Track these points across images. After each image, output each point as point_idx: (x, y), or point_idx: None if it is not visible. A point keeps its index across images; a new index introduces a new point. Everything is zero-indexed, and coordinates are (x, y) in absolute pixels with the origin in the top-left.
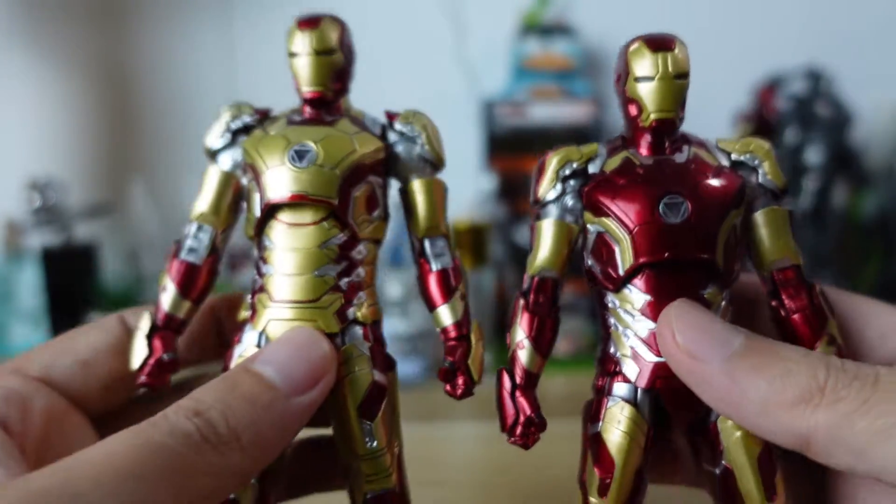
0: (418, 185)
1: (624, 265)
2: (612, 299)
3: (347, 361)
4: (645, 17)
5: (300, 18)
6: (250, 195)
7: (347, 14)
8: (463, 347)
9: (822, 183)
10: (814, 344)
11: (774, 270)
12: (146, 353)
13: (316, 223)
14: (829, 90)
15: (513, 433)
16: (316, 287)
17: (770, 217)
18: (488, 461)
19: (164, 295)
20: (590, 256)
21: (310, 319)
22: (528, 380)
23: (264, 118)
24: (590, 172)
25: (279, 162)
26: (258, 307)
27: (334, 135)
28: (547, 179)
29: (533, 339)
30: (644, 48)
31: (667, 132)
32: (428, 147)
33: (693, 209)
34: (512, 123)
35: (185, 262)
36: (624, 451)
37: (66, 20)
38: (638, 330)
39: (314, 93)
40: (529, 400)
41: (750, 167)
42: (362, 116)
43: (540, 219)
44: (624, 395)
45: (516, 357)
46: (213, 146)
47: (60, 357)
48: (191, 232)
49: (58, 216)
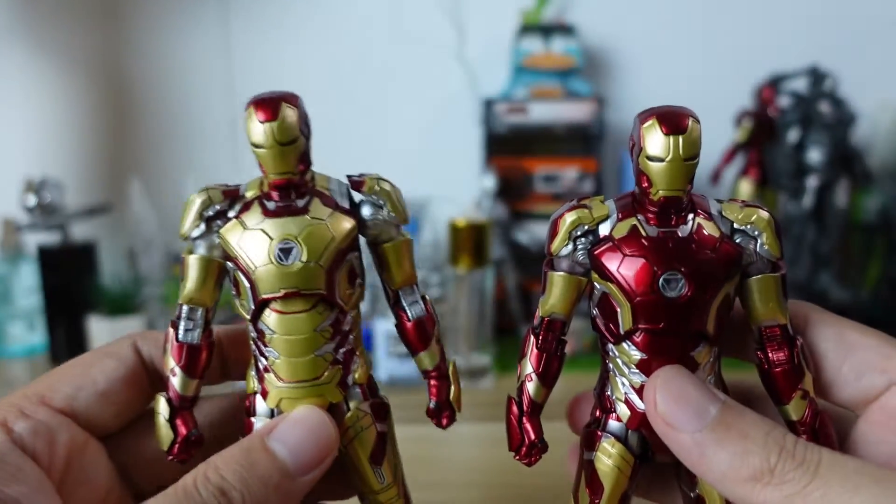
0: (389, 248)
1: (624, 326)
2: (612, 349)
3: (355, 424)
4: (645, 16)
5: (257, 104)
6: (237, 281)
7: (348, 14)
8: (444, 386)
9: (823, 182)
10: (790, 396)
11: (762, 327)
12: (172, 436)
13: (307, 311)
14: (832, 90)
15: (518, 453)
16: (317, 366)
17: (763, 284)
18: (487, 462)
19: (175, 379)
20: (595, 308)
21: (317, 395)
22: (533, 408)
23: (234, 199)
24: (600, 234)
25: (266, 261)
26: (268, 387)
27: (313, 227)
28: (559, 238)
29: (540, 374)
30: (657, 128)
31: (673, 207)
32: (394, 213)
33: (690, 287)
34: (512, 122)
35: (185, 344)
36: (611, 480)
37: (64, 20)
38: (632, 380)
39: (282, 180)
40: (534, 426)
41: (750, 236)
42: (327, 187)
43: (553, 269)
44: (615, 431)
45: (524, 388)
46: (190, 235)
47: (82, 389)
48: (183, 314)
49: (55, 216)
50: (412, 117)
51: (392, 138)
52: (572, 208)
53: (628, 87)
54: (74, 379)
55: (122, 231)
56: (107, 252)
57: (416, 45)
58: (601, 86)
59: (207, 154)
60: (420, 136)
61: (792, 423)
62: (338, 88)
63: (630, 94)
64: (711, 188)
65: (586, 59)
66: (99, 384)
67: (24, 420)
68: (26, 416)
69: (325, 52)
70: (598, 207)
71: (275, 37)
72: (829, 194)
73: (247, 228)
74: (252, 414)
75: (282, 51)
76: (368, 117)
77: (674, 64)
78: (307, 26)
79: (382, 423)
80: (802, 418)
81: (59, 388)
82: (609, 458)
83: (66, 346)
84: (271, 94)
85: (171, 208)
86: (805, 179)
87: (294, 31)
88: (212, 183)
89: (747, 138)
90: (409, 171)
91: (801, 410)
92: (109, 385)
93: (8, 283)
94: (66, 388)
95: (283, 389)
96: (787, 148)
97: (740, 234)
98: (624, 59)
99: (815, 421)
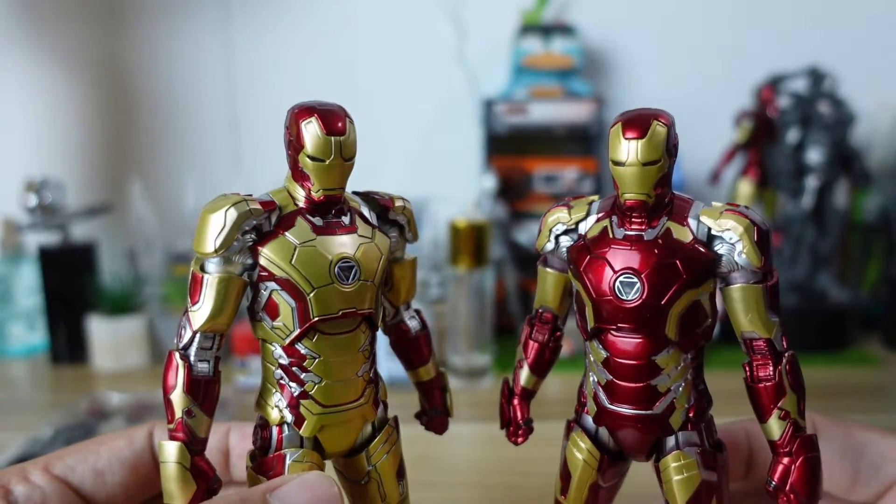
0: (404, 266)
1: (589, 324)
2: (587, 345)
3: (388, 439)
4: (645, 16)
5: (325, 116)
6: (274, 303)
7: (348, 15)
8: (440, 396)
9: (823, 182)
10: (769, 413)
11: (745, 339)
12: (193, 487)
13: (352, 331)
14: (832, 90)
15: (507, 431)
16: (360, 386)
17: (741, 294)
18: (487, 462)
19: (193, 421)
20: (574, 304)
21: (358, 416)
22: (523, 392)
23: (271, 213)
24: (579, 231)
25: (326, 280)
26: (305, 414)
27: (366, 245)
28: (541, 235)
29: (531, 362)
30: (619, 132)
31: (637, 211)
32: (411, 233)
33: (646, 289)
34: (512, 122)
35: (202, 379)
36: (577, 469)
37: (65, 21)
38: (599, 377)
39: (332, 195)
40: (522, 408)
41: (728, 243)
42: (357, 204)
43: (545, 265)
44: (586, 426)
45: (517, 373)
46: (222, 250)
47: (82, 461)
48: (196, 343)
49: (56, 216)
50: (412, 117)
51: (392, 138)
52: (556, 207)
53: (628, 87)
54: (81, 451)
55: (122, 231)
56: (107, 252)
57: (416, 46)
58: (601, 86)
59: (207, 154)
60: (420, 137)
61: (773, 443)
62: (338, 89)
63: (630, 94)
64: (711, 188)
65: (586, 59)
66: (100, 460)
67: (23, 484)
68: (27, 480)
69: (326, 52)
70: (578, 208)
71: (275, 37)
72: (829, 194)
73: (298, 246)
74: (277, 447)
75: (282, 51)
76: (369, 117)
77: (674, 64)
78: (307, 27)
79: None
80: (782, 439)
81: (64, 458)
82: (579, 452)
83: (66, 346)
84: (333, 108)
85: (171, 208)
86: (805, 179)
87: (294, 31)
88: (226, 192)
89: (747, 138)
90: (409, 171)
91: (780, 430)
92: (110, 463)
93: (8, 283)
94: (70, 458)
95: (324, 415)
96: (786, 148)
97: (718, 240)
98: (624, 59)
99: (794, 444)
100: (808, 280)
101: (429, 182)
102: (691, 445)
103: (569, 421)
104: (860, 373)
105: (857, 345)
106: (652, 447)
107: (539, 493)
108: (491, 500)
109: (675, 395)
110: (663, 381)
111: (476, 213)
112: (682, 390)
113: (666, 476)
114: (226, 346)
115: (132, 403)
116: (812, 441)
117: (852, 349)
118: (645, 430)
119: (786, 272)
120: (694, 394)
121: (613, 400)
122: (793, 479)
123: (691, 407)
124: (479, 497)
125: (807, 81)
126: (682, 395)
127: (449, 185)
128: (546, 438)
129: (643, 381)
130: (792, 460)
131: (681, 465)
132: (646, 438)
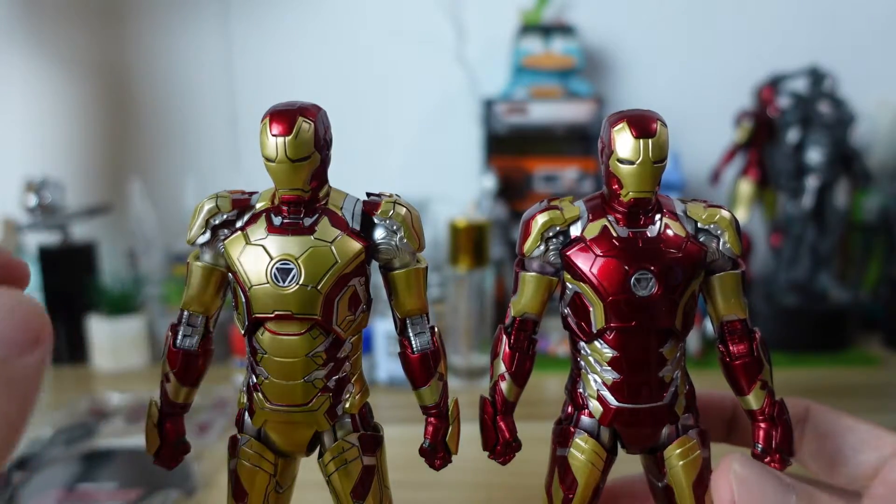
0: (400, 276)
1: (597, 324)
2: (584, 347)
3: (339, 455)
4: (645, 16)
5: (272, 115)
6: (236, 292)
7: (348, 14)
8: (442, 427)
9: (823, 182)
10: (750, 387)
11: (724, 322)
12: (158, 442)
13: (300, 334)
14: (831, 90)
15: (493, 452)
16: (306, 392)
17: (724, 281)
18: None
19: (168, 385)
20: (566, 307)
21: (302, 421)
22: (506, 408)
23: (244, 209)
24: (571, 234)
25: (262, 280)
26: (256, 407)
27: (315, 248)
28: (532, 239)
29: (512, 373)
30: (627, 131)
31: (642, 208)
32: (407, 239)
33: (660, 285)
34: (512, 122)
35: (181, 350)
36: (585, 474)
37: (64, 21)
38: (604, 377)
39: (291, 196)
40: (508, 425)
41: (713, 235)
42: (340, 206)
43: (524, 269)
44: (588, 428)
45: (498, 387)
46: (196, 242)
47: None
48: (184, 319)
49: (56, 216)
50: (412, 117)
51: (392, 138)
52: (544, 209)
53: (628, 87)
54: None
55: (122, 231)
56: (107, 252)
57: (416, 46)
58: (601, 86)
59: (207, 154)
60: (420, 137)
61: (752, 412)
62: (338, 88)
63: (630, 94)
64: (711, 188)
65: (586, 59)
66: None
67: None
68: None
69: (326, 52)
70: (568, 209)
71: (275, 37)
72: (829, 194)
73: (249, 243)
74: (241, 429)
75: (282, 51)
76: (369, 117)
77: (674, 64)
78: (307, 27)
79: (371, 455)
80: (762, 407)
81: None
82: (583, 454)
83: (66, 346)
84: (289, 106)
85: (171, 208)
86: (805, 179)
87: (294, 31)
88: (223, 189)
89: (747, 138)
90: (409, 171)
91: (760, 400)
92: None
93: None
94: None
95: (268, 412)
96: (786, 148)
97: (704, 233)
98: (624, 59)
99: (774, 409)
100: (809, 280)
101: (429, 182)
102: (690, 428)
103: (565, 427)
104: (860, 373)
105: (857, 345)
106: None
107: (539, 493)
108: (491, 500)
109: (677, 382)
110: (668, 371)
111: (476, 213)
112: (679, 377)
113: (671, 462)
114: (226, 346)
115: (132, 403)
116: (783, 405)
117: (853, 349)
118: (658, 422)
119: (786, 272)
120: (687, 378)
121: (625, 398)
122: (777, 441)
123: (687, 391)
124: (479, 497)
125: (807, 81)
126: (681, 382)
127: (449, 185)
128: (546, 439)
129: (654, 373)
130: (772, 425)
131: (685, 448)
132: (657, 430)
